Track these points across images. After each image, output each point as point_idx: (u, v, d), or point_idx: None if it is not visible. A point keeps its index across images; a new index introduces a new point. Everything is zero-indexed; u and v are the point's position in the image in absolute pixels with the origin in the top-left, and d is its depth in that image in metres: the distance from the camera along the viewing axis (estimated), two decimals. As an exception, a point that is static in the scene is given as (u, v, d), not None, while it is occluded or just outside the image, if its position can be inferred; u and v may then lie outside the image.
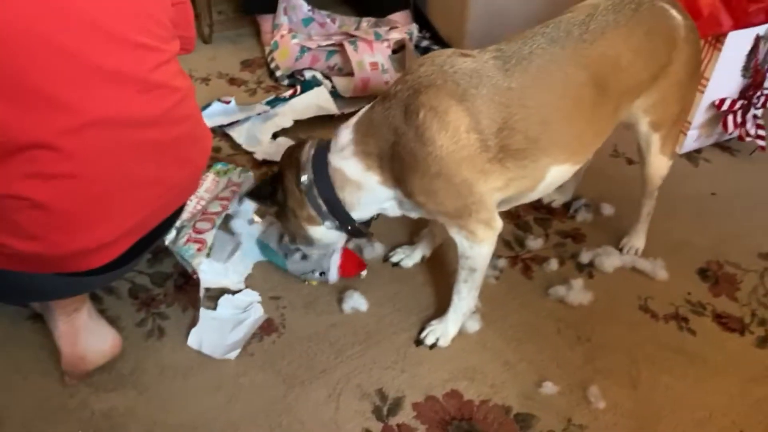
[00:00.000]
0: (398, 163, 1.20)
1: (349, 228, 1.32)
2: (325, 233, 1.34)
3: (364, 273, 1.52)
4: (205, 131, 1.25)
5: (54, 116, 0.95)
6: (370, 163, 1.22)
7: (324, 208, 1.29)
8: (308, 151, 1.29)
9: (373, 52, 2.10)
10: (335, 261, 1.46)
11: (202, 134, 1.23)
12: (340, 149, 1.24)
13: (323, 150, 1.28)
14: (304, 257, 1.45)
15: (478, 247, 1.28)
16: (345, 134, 1.25)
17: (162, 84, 1.07)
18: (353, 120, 1.26)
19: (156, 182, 1.12)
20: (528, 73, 1.19)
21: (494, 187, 1.23)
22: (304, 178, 1.28)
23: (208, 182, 1.56)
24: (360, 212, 1.30)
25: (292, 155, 1.32)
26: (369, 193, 1.26)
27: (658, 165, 1.49)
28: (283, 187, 1.32)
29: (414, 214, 1.33)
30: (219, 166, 1.62)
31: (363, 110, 1.26)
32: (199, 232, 1.44)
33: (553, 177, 1.29)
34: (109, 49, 0.99)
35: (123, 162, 1.05)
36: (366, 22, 2.32)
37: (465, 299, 1.38)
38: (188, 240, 1.43)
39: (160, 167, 1.11)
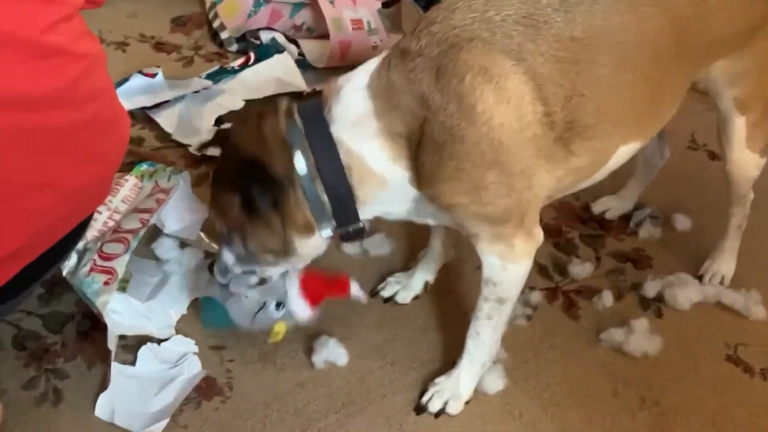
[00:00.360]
0: (431, 152, 1.18)
1: (350, 231, 1.29)
2: (315, 246, 1.31)
3: (358, 293, 1.45)
4: (121, 115, 1.26)
5: None
6: (399, 151, 1.20)
7: (328, 209, 1.25)
8: (289, 121, 1.23)
9: (355, 5, 2.14)
10: (294, 282, 1.38)
11: (116, 119, 1.23)
12: (355, 123, 1.20)
13: (317, 118, 1.22)
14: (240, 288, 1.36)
15: (513, 267, 1.30)
16: (357, 100, 1.20)
17: (60, 49, 1.08)
18: (359, 80, 1.21)
19: (49, 186, 1.13)
20: (594, 16, 1.21)
21: (553, 178, 1.26)
22: (301, 165, 1.22)
23: (127, 189, 1.57)
24: (365, 213, 1.28)
25: (261, 131, 1.23)
26: (392, 193, 1.25)
27: (744, 162, 1.51)
28: (268, 186, 1.23)
29: (430, 222, 1.34)
30: (143, 167, 1.63)
31: (371, 67, 1.22)
32: (108, 258, 1.44)
33: (616, 160, 1.33)
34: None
35: (2, 158, 1.06)
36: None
37: (485, 344, 1.39)
38: (93, 269, 1.43)
39: (56, 165, 1.12)
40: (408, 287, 1.60)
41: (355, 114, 1.20)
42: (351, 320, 1.55)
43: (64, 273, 1.44)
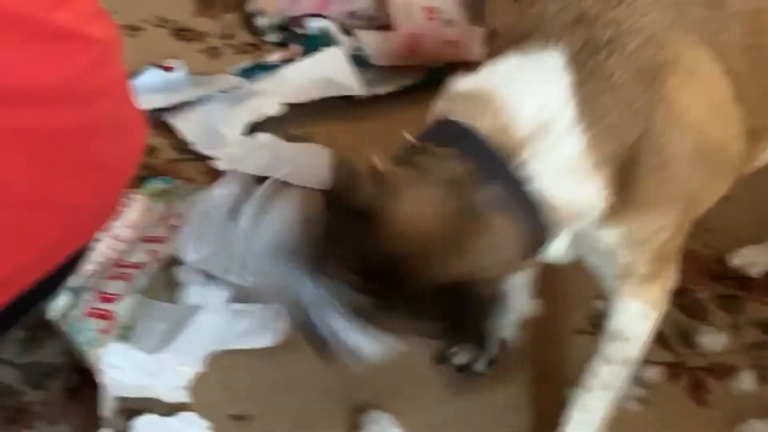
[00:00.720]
0: (641, 177, 1.18)
1: None
2: None
3: None
4: (136, 117, 1.28)
5: None
6: (605, 181, 1.18)
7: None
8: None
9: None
10: None
11: (129, 121, 1.26)
12: (565, 164, 1.15)
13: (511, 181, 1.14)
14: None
15: (653, 315, 1.33)
16: (567, 142, 1.15)
17: (68, 32, 1.10)
18: (559, 111, 1.14)
19: (45, 202, 1.15)
20: None
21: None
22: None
23: (134, 211, 1.60)
24: None
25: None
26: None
27: None
28: None
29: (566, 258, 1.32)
30: (155, 184, 1.66)
31: (566, 77, 1.16)
32: (107, 298, 1.47)
33: None
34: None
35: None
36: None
37: (594, 423, 1.38)
38: (87, 312, 1.45)
39: (55, 176, 1.14)
40: (484, 353, 1.59)
41: (563, 160, 1.15)
42: (409, 390, 1.54)
43: (52, 315, 1.46)
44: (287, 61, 2.11)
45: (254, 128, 1.98)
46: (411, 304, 1.12)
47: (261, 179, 1.88)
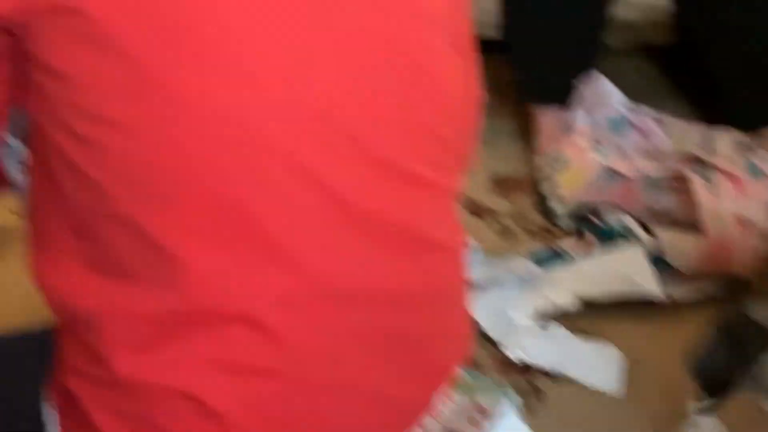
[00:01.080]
0: None
1: None
2: None
3: None
4: (466, 318, 1.33)
5: (276, 276, 1.06)
6: None
7: None
8: None
9: (744, 195, 2.15)
10: None
11: (461, 323, 1.31)
12: None
13: None
14: None
15: None
16: None
17: (437, 244, 1.18)
18: None
19: (377, 398, 1.20)
20: None
21: None
22: None
23: (442, 404, 1.60)
24: None
25: None
26: None
27: None
28: None
29: None
30: (462, 377, 1.69)
31: None
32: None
33: None
34: (370, 181, 1.10)
35: (348, 360, 1.14)
36: (727, 138, 2.37)
37: None
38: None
39: (389, 373, 1.20)
40: None
41: None
42: None
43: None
44: (582, 252, 2.14)
45: (545, 317, 2.01)
46: None
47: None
